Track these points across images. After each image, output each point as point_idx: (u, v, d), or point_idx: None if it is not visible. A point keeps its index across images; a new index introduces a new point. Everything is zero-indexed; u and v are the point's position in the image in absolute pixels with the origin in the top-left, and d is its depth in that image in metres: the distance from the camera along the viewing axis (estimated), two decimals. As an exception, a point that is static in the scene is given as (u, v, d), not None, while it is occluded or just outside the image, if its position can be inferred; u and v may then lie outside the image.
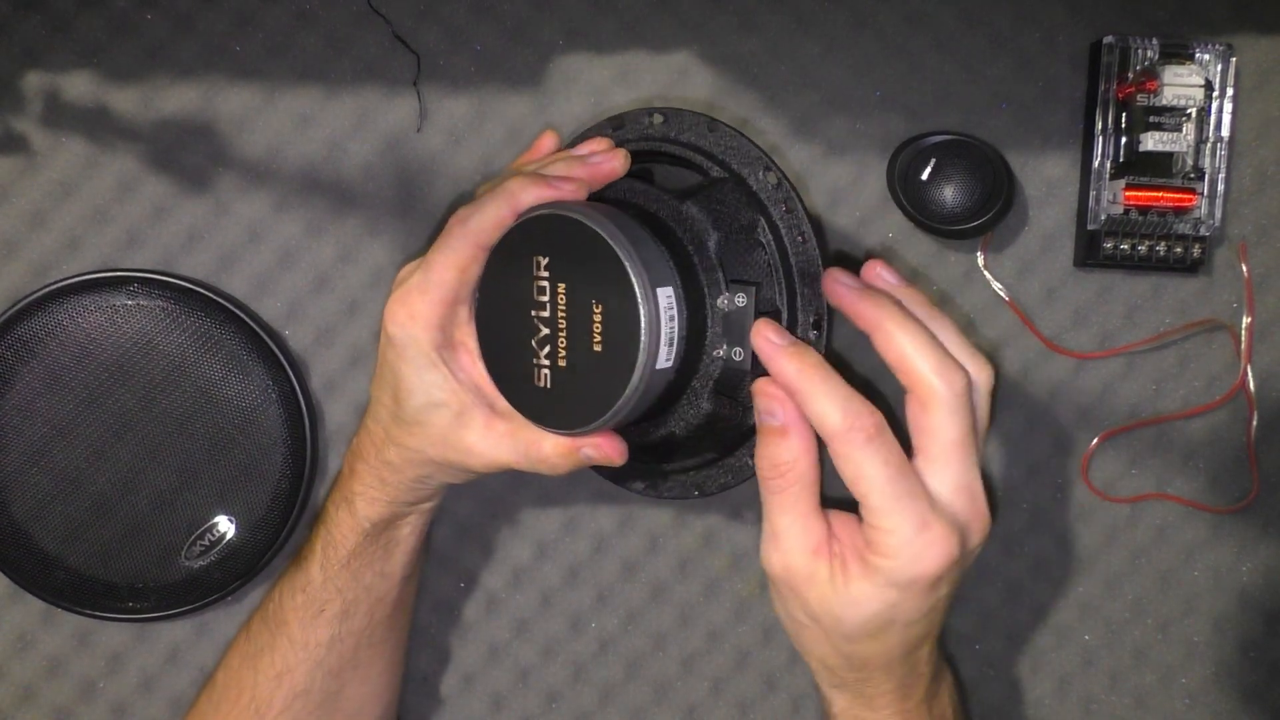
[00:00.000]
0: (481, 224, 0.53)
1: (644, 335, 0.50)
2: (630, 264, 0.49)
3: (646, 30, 0.64)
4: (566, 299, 0.51)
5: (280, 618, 0.60)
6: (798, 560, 0.52)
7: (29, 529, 0.64)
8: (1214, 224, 0.62)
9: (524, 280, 0.52)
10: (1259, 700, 0.66)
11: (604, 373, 0.50)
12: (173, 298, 0.63)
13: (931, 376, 0.51)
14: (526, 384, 0.53)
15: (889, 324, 0.52)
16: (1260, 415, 0.65)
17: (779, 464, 0.52)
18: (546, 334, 0.52)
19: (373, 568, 0.59)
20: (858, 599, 0.51)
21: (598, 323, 0.50)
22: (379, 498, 0.58)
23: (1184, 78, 0.61)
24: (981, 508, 0.52)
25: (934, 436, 0.51)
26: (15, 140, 0.64)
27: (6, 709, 0.66)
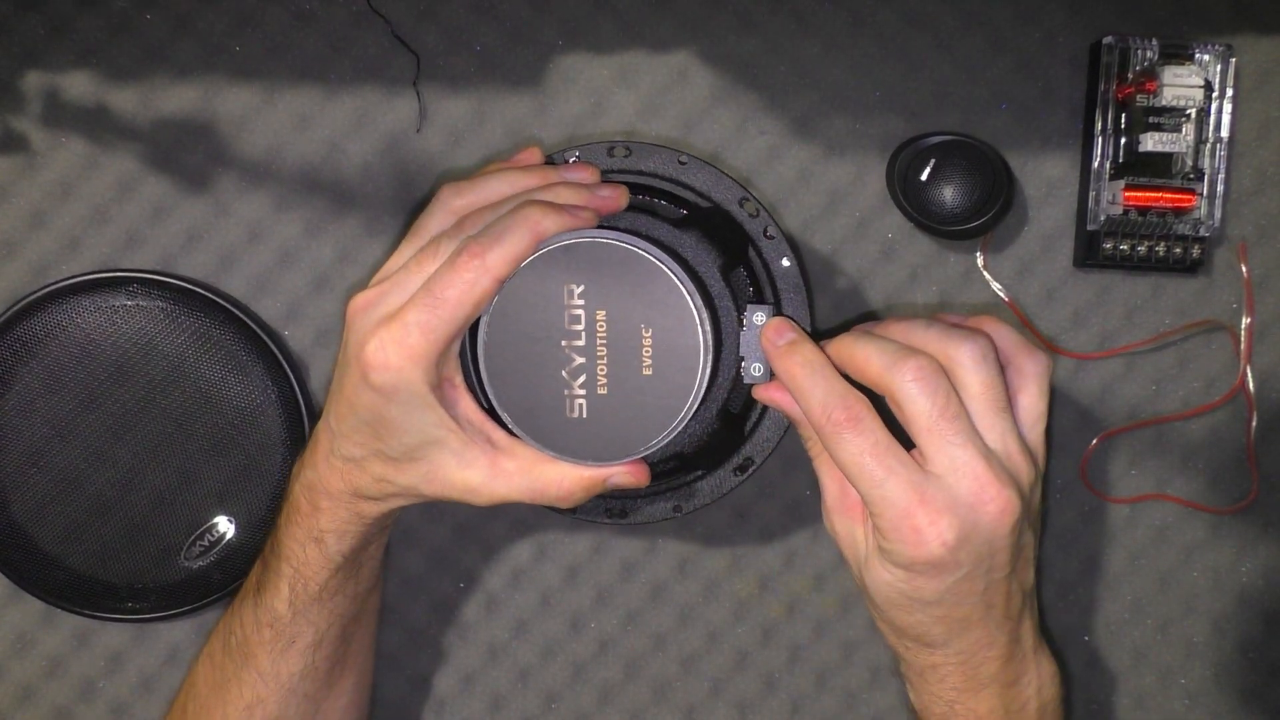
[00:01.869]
0: (502, 256, 0.50)
1: (703, 353, 0.51)
2: (683, 283, 0.51)
3: (646, 30, 0.64)
4: (608, 326, 0.51)
5: (246, 650, 0.57)
6: (842, 529, 0.54)
7: (28, 529, 0.64)
8: (1214, 224, 0.62)
9: (550, 310, 0.51)
10: (1259, 700, 0.66)
11: (657, 395, 0.51)
12: (172, 298, 0.63)
13: (882, 373, 0.51)
14: (555, 417, 0.52)
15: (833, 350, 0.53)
16: (1260, 416, 0.65)
17: (811, 438, 0.54)
18: (582, 363, 0.51)
19: (344, 593, 0.57)
20: (881, 578, 0.52)
21: (647, 346, 0.51)
22: (352, 531, 0.55)
23: (1184, 78, 0.61)
24: (987, 482, 0.50)
25: (912, 424, 0.51)
26: (15, 140, 0.64)
27: (6, 709, 0.66)
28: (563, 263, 0.51)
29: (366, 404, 0.51)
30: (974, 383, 0.51)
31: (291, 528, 0.56)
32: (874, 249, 0.65)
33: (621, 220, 0.56)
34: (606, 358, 0.51)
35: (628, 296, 0.51)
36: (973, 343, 0.52)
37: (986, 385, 0.51)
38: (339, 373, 0.53)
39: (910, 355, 0.51)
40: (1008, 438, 0.51)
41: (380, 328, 0.50)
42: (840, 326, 0.65)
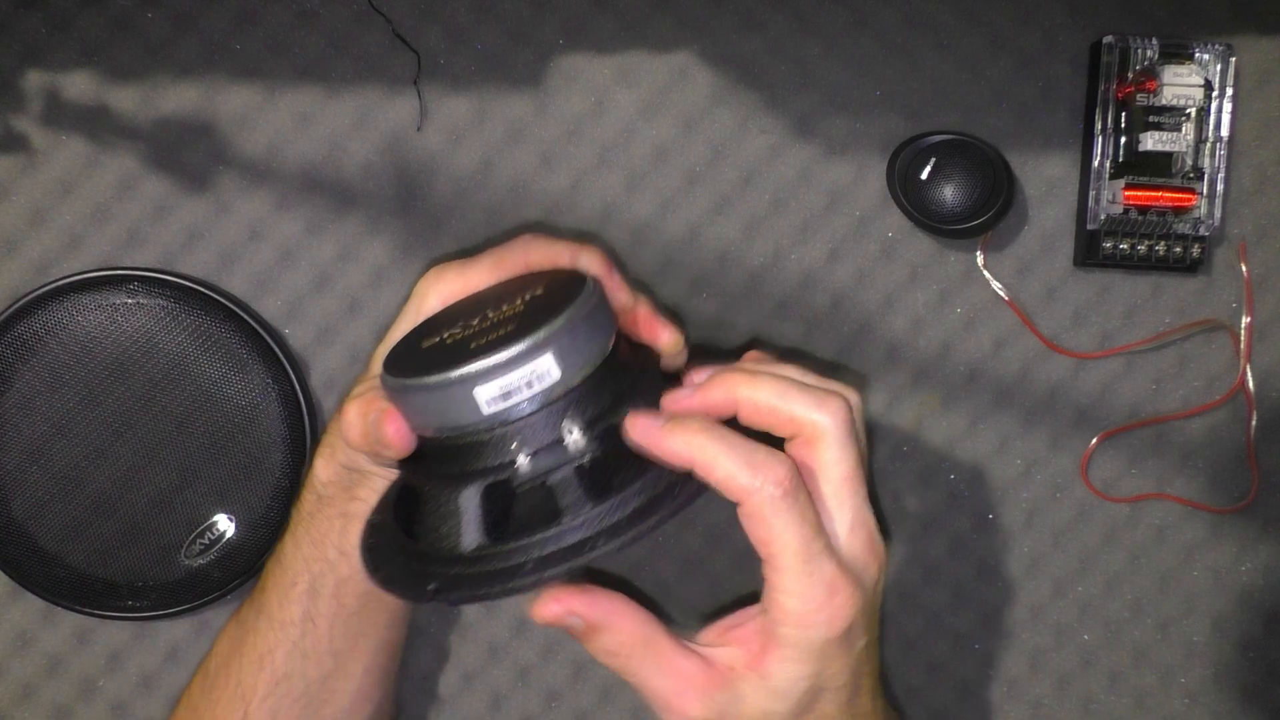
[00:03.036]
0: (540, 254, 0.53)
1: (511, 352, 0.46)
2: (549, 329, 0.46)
3: (647, 30, 0.64)
4: (518, 313, 0.48)
5: (262, 596, 0.59)
6: (695, 710, 0.48)
7: (29, 527, 0.64)
8: (1213, 224, 0.62)
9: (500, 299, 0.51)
10: (1258, 700, 0.66)
11: (460, 356, 0.47)
12: (173, 296, 0.63)
13: (812, 413, 0.47)
14: (414, 345, 0.50)
15: (744, 391, 0.48)
16: (1260, 415, 0.65)
17: (614, 649, 0.48)
18: (475, 324, 0.49)
19: (330, 539, 0.57)
20: (783, 685, 0.47)
21: (504, 331, 0.47)
22: (333, 455, 0.57)
23: (1184, 78, 0.61)
24: (877, 543, 0.48)
25: (826, 475, 0.48)
26: (15, 139, 0.64)
27: (6, 707, 0.66)
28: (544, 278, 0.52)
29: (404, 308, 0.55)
30: (859, 432, 0.49)
31: None
32: (874, 248, 0.65)
33: None
34: (485, 324, 0.49)
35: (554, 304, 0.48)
36: (856, 395, 0.49)
37: (863, 440, 0.49)
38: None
39: (838, 395, 0.48)
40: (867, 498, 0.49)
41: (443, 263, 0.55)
42: (838, 329, 0.65)
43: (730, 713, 0.48)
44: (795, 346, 0.65)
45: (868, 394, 0.65)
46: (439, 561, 0.48)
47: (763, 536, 0.46)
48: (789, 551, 0.45)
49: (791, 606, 0.46)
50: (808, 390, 0.48)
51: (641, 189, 0.65)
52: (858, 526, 0.48)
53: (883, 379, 0.65)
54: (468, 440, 0.47)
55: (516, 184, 0.65)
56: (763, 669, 0.47)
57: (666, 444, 0.46)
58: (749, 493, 0.45)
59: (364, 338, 0.65)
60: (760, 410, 0.48)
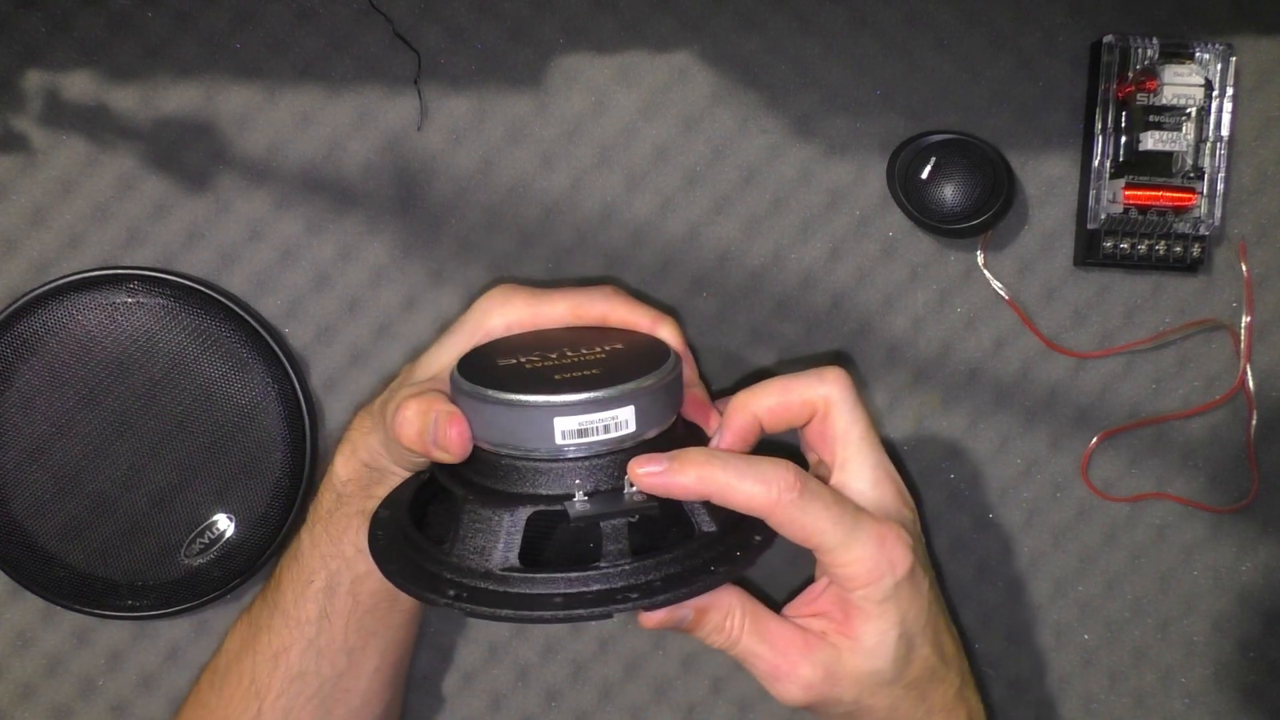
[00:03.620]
0: (618, 310, 0.55)
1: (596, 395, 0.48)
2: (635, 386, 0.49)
3: (647, 29, 0.64)
4: (597, 359, 0.51)
5: (277, 592, 0.60)
6: (806, 671, 0.51)
7: (28, 526, 0.64)
8: (1213, 223, 0.62)
9: (579, 343, 0.53)
10: (1258, 700, 0.66)
11: (556, 385, 0.49)
12: (173, 295, 0.63)
13: (817, 388, 0.53)
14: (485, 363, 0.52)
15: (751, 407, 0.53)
16: (1260, 415, 0.65)
17: (720, 625, 0.52)
18: (552, 358, 0.51)
19: (348, 537, 0.58)
20: (875, 641, 0.51)
21: (589, 373, 0.49)
22: (353, 454, 0.58)
23: (1184, 77, 0.61)
24: (904, 490, 0.54)
25: (845, 439, 0.53)
26: (15, 138, 0.64)
27: (6, 707, 0.66)
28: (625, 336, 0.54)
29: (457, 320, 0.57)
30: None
31: None
32: (874, 248, 0.65)
33: None
34: (564, 361, 0.51)
35: (636, 363, 0.51)
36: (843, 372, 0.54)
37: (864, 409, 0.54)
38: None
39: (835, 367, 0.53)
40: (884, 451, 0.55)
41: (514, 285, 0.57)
42: (838, 328, 0.65)
43: (835, 671, 0.51)
44: (795, 346, 0.65)
45: (868, 394, 0.65)
46: (464, 572, 0.48)
47: (799, 534, 0.50)
48: (826, 533, 0.49)
49: (852, 573, 0.50)
50: (805, 375, 0.53)
51: (641, 189, 0.65)
52: (882, 479, 0.53)
53: (883, 379, 0.65)
54: (530, 464, 0.49)
55: (516, 184, 0.65)
56: (852, 633, 0.51)
57: (677, 481, 0.49)
58: (771, 505, 0.49)
59: (364, 338, 0.65)
60: (777, 412, 0.53)
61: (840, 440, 0.53)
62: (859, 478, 0.53)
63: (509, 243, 0.65)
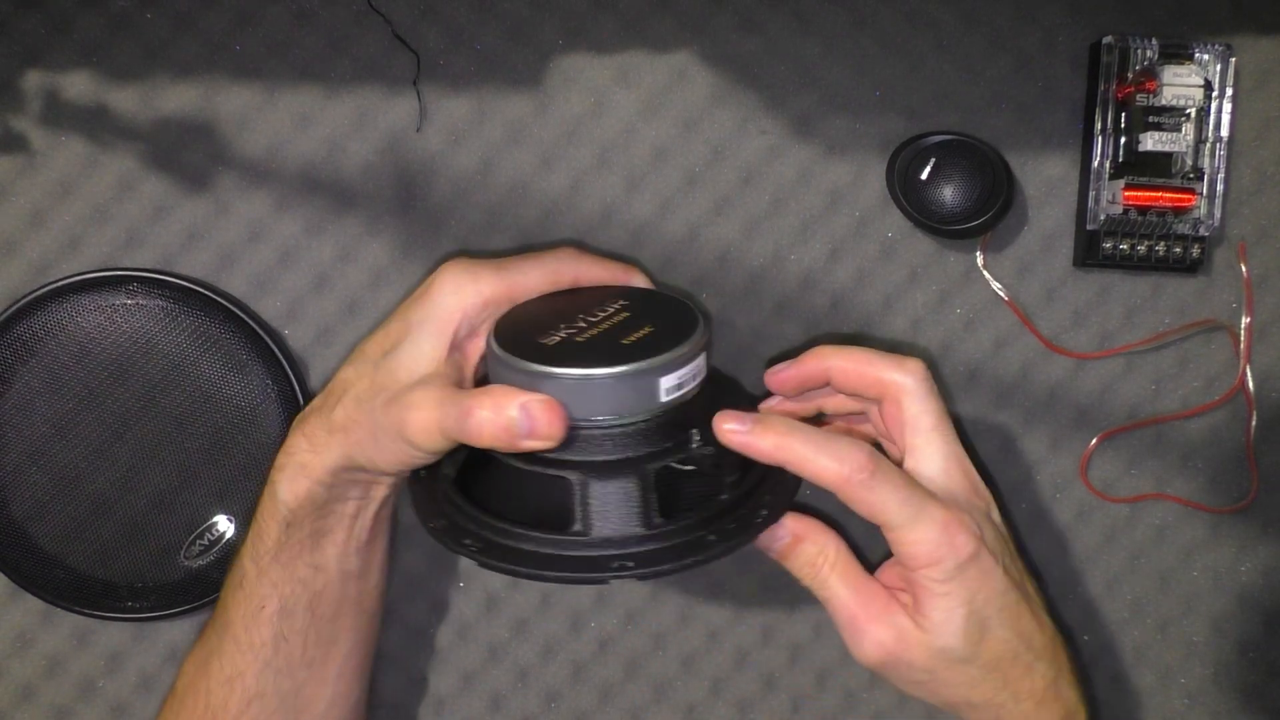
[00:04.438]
0: (590, 268, 0.56)
1: (681, 350, 0.51)
2: (702, 332, 0.53)
3: (646, 30, 0.64)
4: (622, 318, 0.53)
5: (225, 618, 0.58)
6: (883, 633, 0.53)
7: (28, 528, 0.64)
8: (1213, 224, 0.62)
9: (588, 304, 0.54)
10: (1258, 700, 0.66)
11: (619, 353, 0.51)
12: (172, 297, 0.63)
13: (895, 373, 0.54)
14: (525, 340, 0.52)
15: (835, 361, 0.55)
16: (1259, 415, 0.65)
17: (813, 558, 0.54)
18: (582, 326, 0.53)
19: (302, 559, 0.57)
20: (943, 619, 0.52)
21: (644, 333, 0.52)
22: (299, 474, 0.55)
23: (1183, 78, 0.61)
24: (976, 479, 0.55)
25: (916, 426, 0.54)
26: (15, 139, 0.64)
27: (6, 708, 0.66)
28: (628, 295, 0.56)
29: (409, 307, 0.55)
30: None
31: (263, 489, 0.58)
32: (874, 248, 0.65)
33: None
34: (603, 329, 0.53)
35: (658, 317, 0.54)
36: (923, 363, 0.55)
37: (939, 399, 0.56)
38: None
39: (912, 357, 0.55)
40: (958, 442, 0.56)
41: (467, 262, 0.55)
42: (838, 329, 0.65)
43: (907, 638, 0.53)
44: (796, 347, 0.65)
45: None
46: (619, 543, 0.51)
47: (870, 510, 0.51)
48: (892, 512, 0.51)
49: (917, 552, 0.52)
50: (888, 355, 0.55)
51: (641, 189, 0.65)
52: (952, 468, 0.54)
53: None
54: (622, 427, 0.51)
55: (516, 184, 0.65)
56: (921, 610, 0.53)
57: (757, 444, 0.52)
58: (843, 480, 0.51)
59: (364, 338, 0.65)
60: (850, 375, 0.55)
61: (911, 427, 0.54)
62: (928, 465, 0.54)
63: (509, 243, 0.65)
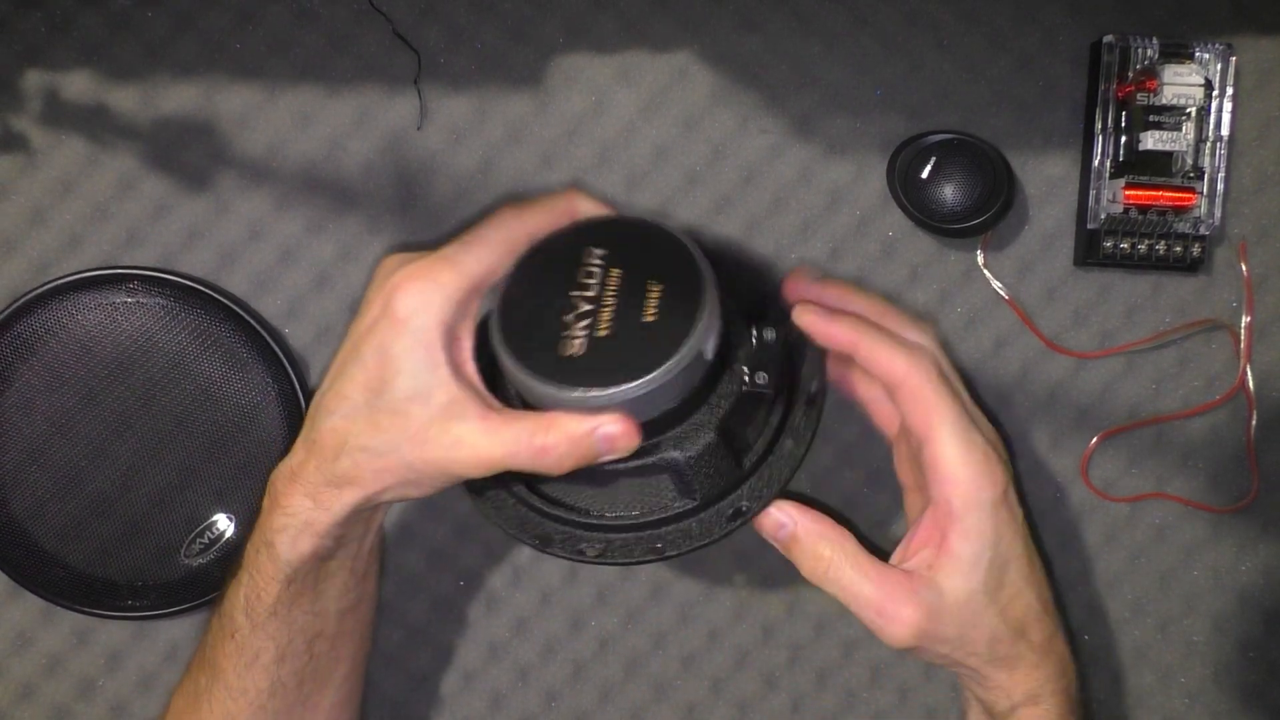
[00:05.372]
0: (538, 218, 0.54)
1: (706, 306, 0.51)
2: (698, 256, 0.52)
3: (647, 29, 0.64)
4: (619, 281, 0.52)
5: (214, 664, 0.55)
6: (910, 612, 0.52)
7: (28, 526, 0.64)
8: (1214, 223, 0.62)
9: (568, 268, 0.53)
10: (1258, 700, 0.66)
11: (654, 338, 0.50)
12: (173, 295, 0.63)
13: (909, 331, 0.56)
14: (550, 354, 0.50)
15: (856, 302, 0.57)
16: (1260, 415, 0.65)
17: (822, 552, 0.53)
18: (588, 309, 0.51)
19: (302, 608, 0.55)
20: (970, 558, 0.52)
21: (654, 297, 0.51)
22: (304, 532, 0.52)
23: (1184, 77, 0.61)
24: (993, 430, 0.57)
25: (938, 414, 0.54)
26: (15, 138, 0.64)
27: (6, 707, 0.66)
28: (591, 233, 0.54)
29: (377, 337, 0.50)
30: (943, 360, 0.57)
31: (251, 534, 0.55)
32: (874, 248, 0.65)
33: None
34: (614, 306, 0.51)
35: (641, 260, 0.53)
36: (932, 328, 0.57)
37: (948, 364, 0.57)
38: (354, 322, 0.53)
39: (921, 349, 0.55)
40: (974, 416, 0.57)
41: (410, 262, 0.51)
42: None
43: (937, 607, 0.53)
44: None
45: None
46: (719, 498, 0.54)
47: (922, 414, 0.52)
48: (948, 422, 0.52)
49: (957, 474, 0.52)
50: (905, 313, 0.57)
51: (641, 189, 0.65)
52: (978, 416, 0.56)
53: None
54: (695, 389, 0.52)
55: (516, 184, 0.65)
56: (949, 550, 0.53)
57: (835, 329, 0.54)
58: (908, 372, 0.52)
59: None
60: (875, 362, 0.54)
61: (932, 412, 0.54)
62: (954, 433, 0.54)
63: (509, 243, 0.65)
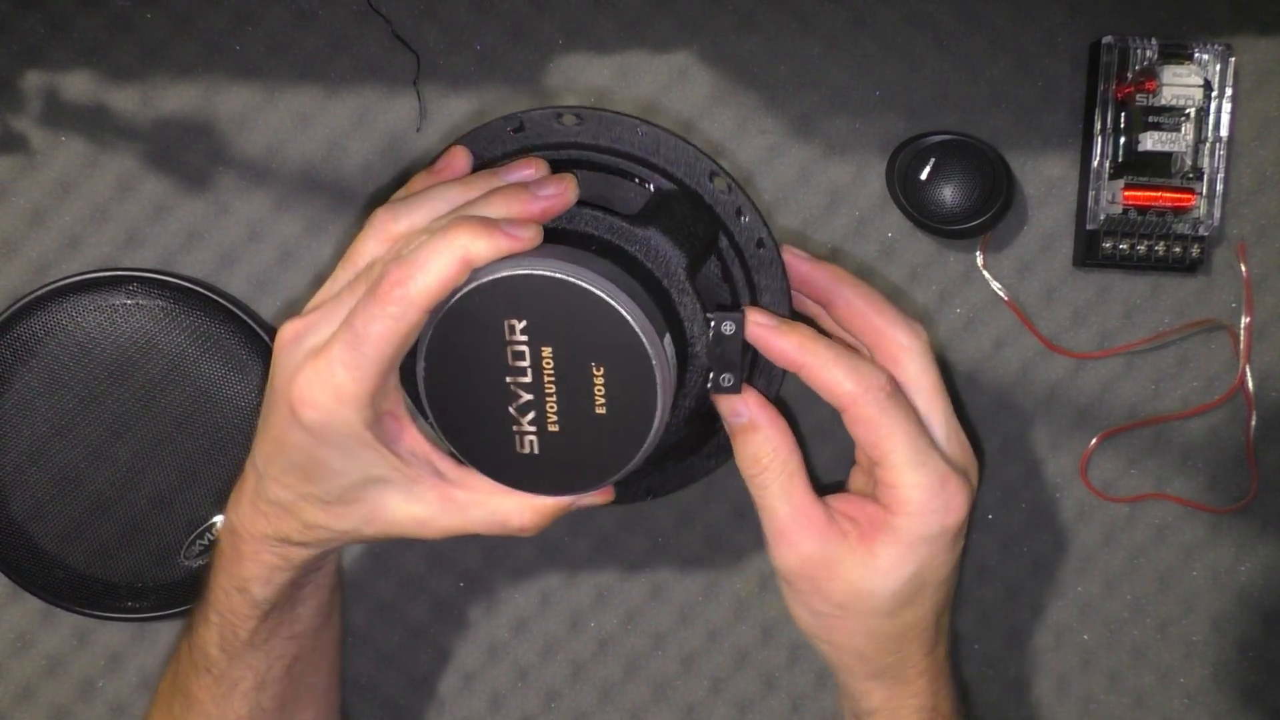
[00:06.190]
0: (427, 287, 0.44)
1: (660, 395, 0.46)
2: (636, 322, 0.45)
3: (646, 30, 0.64)
4: (555, 363, 0.46)
5: (189, 693, 0.55)
6: (811, 548, 0.51)
7: (28, 528, 0.64)
8: (1213, 224, 0.62)
9: (491, 345, 0.46)
10: (1258, 700, 0.67)
11: (611, 434, 0.47)
12: (172, 297, 0.63)
13: (899, 330, 0.52)
14: (504, 452, 0.48)
15: (847, 290, 0.53)
16: (1259, 415, 0.65)
17: (760, 457, 0.51)
18: (530, 399, 0.47)
19: (280, 636, 0.54)
20: (888, 567, 0.50)
21: (599, 385, 0.46)
22: (278, 578, 0.52)
23: (1183, 78, 0.61)
24: (969, 450, 0.53)
25: (915, 387, 0.52)
26: (15, 139, 0.64)
27: (6, 708, 0.66)
28: (502, 297, 0.46)
29: (297, 444, 0.47)
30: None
31: (217, 574, 0.53)
32: (874, 248, 0.65)
33: (572, 220, 0.50)
34: (556, 395, 0.47)
35: (575, 333, 0.46)
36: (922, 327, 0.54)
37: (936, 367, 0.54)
38: (266, 408, 0.49)
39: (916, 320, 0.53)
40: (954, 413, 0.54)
41: (307, 363, 0.46)
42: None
43: (834, 569, 0.51)
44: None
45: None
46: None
47: (872, 438, 0.49)
48: (899, 448, 0.49)
49: (909, 497, 0.49)
50: (897, 310, 0.53)
51: (641, 189, 0.65)
52: (952, 433, 0.52)
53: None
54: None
55: (516, 184, 0.65)
56: (870, 547, 0.50)
57: (780, 342, 0.50)
58: (855, 397, 0.49)
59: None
60: (855, 313, 0.53)
61: (911, 387, 0.52)
62: (929, 427, 0.51)
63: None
